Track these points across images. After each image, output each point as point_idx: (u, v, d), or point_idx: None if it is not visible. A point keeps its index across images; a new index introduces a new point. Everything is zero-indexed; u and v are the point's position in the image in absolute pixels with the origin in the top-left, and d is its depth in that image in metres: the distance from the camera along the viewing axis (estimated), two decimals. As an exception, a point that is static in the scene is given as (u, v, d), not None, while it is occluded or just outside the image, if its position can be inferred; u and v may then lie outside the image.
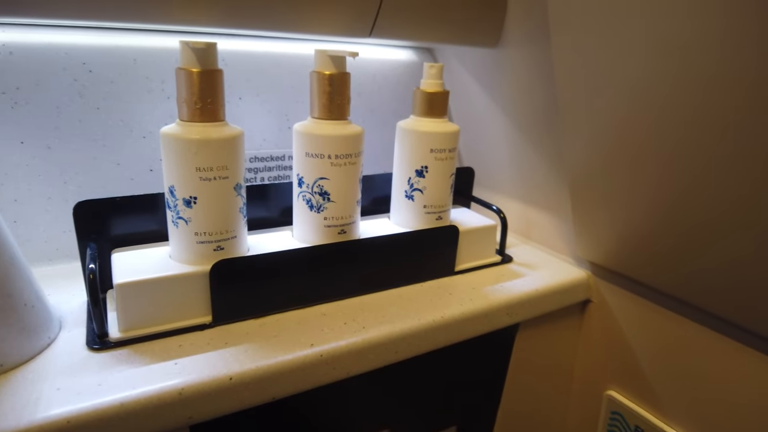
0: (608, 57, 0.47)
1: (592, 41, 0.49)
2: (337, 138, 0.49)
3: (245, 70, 0.62)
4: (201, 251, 0.47)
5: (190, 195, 0.45)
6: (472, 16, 0.59)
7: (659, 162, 0.47)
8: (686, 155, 0.45)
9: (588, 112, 0.52)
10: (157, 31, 0.58)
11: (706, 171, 0.44)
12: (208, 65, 0.44)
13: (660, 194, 0.49)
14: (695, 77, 0.40)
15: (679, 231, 0.50)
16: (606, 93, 0.49)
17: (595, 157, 0.55)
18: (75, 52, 0.54)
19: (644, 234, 0.54)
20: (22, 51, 0.52)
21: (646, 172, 0.49)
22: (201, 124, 0.44)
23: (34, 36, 0.52)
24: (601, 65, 0.48)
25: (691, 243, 0.49)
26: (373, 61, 0.72)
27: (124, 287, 0.43)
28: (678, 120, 0.44)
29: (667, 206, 0.49)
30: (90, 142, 0.56)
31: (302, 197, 0.52)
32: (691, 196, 0.46)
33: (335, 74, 0.49)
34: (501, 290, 0.57)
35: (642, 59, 0.44)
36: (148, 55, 0.57)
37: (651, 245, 0.54)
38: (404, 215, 0.59)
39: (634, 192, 0.52)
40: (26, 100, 0.53)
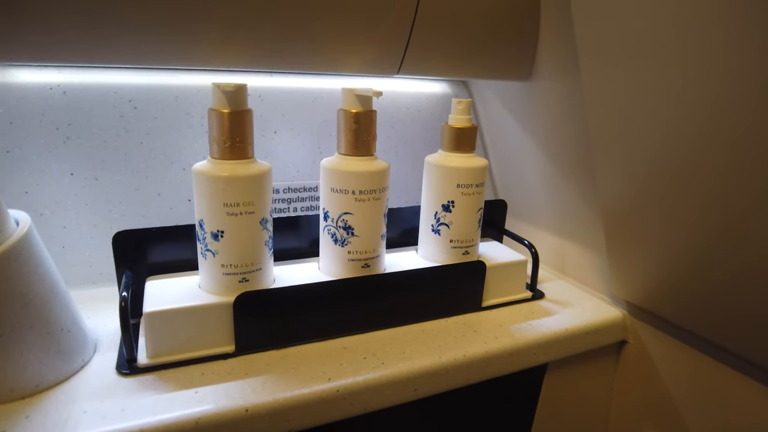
0: (639, 87, 0.46)
1: (621, 72, 0.48)
2: (361, 174, 0.50)
3: (280, 105, 0.65)
4: (227, 283, 0.48)
5: (218, 229, 0.47)
6: (502, 51, 0.59)
7: (695, 197, 0.46)
8: (724, 191, 0.43)
9: (620, 144, 0.51)
10: (197, 70, 0.61)
11: (747, 207, 0.41)
12: (238, 106, 0.46)
13: (697, 232, 0.47)
14: (732, 108, 0.39)
15: (718, 272, 0.47)
16: (638, 124, 0.48)
17: (629, 191, 0.53)
18: (122, 90, 0.58)
19: (681, 274, 0.51)
20: (75, 90, 0.56)
21: (682, 208, 0.48)
22: (230, 162, 0.46)
23: (85, 77, 0.56)
24: (631, 96, 0.47)
25: (731, 285, 0.46)
26: (407, 94, 0.73)
27: (152, 316, 0.45)
28: (714, 152, 0.42)
29: (705, 245, 0.47)
30: (134, 173, 0.60)
31: (327, 231, 0.53)
32: (730, 234, 0.44)
33: (361, 112, 0.50)
34: (529, 328, 0.56)
35: (674, 89, 0.43)
36: (189, 93, 0.61)
37: (688, 286, 0.51)
38: (431, 249, 0.59)
39: (670, 229, 0.50)
40: (77, 135, 0.57)
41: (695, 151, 0.44)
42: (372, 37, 0.52)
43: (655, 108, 0.46)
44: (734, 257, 0.45)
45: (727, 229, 0.44)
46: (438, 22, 0.53)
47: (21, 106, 0.54)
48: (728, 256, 0.46)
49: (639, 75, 0.46)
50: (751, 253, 0.43)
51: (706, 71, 0.40)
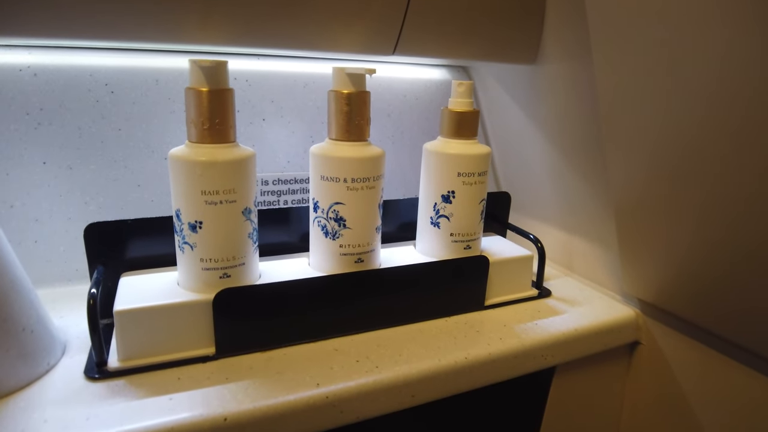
0: (655, 73, 0.42)
1: (635, 56, 0.44)
2: (353, 160, 0.46)
3: (269, 90, 0.61)
4: (206, 278, 0.44)
5: (196, 219, 0.43)
6: (505, 31, 0.55)
7: (706, 184, 0.42)
8: (733, 173, 0.39)
9: (634, 133, 0.47)
10: (180, 51, 0.57)
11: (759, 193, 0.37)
12: (218, 85, 0.42)
13: (713, 224, 0.43)
14: (739, 92, 0.35)
15: (733, 265, 0.43)
16: (653, 111, 0.44)
17: (643, 183, 0.49)
18: (98, 73, 0.54)
19: (696, 268, 0.47)
20: (47, 73, 0.52)
21: (694, 196, 0.44)
22: (209, 146, 0.42)
23: (58, 58, 0.52)
24: (646, 82, 0.43)
25: (746, 279, 0.43)
26: (403, 81, 0.69)
27: (123, 314, 0.41)
28: (724, 138, 0.38)
29: (720, 238, 0.43)
30: (111, 163, 0.56)
31: (317, 223, 0.49)
32: (743, 223, 0.40)
33: (354, 93, 0.46)
34: (536, 328, 0.52)
35: (691, 75, 0.39)
36: (171, 76, 0.57)
37: (703, 281, 0.47)
38: (430, 243, 0.55)
39: (685, 222, 0.46)
40: (49, 121, 0.53)
41: (710, 140, 0.40)
42: (365, 13, 0.48)
43: (671, 95, 0.42)
44: (748, 250, 0.41)
45: (740, 215, 0.40)
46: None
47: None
48: (743, 249, 0.42)
49: (655, 60, 0.42)
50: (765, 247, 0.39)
51: (720, 60, 0.36)
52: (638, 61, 0.44)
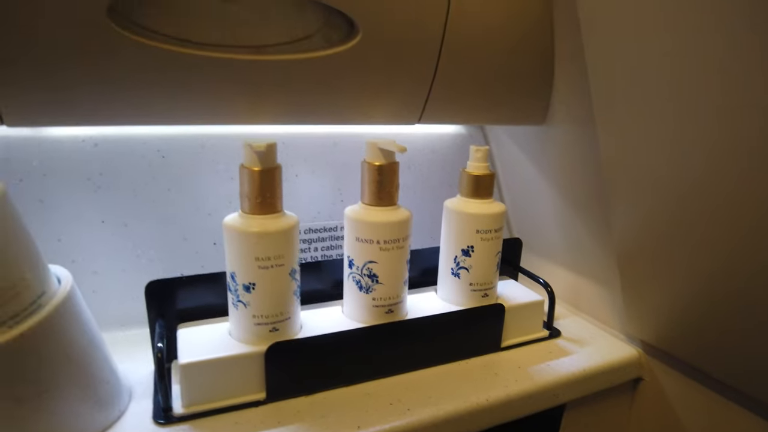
0: (655, 137, 0.48)
1: (634, 122, 0.50)
2: (385, 225, 0.52)
3: (302, 150, 0.67)
4: (258, 332, 0.50)
5: (250, 281, 0.48)
6: (518, 98, 0.61)
7: (701, 235, 0.47)
8: (736, 234, 0.45)
9: (634, 188, 0.53)
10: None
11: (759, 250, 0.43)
12: (268, 164, 0.48)
13: (711, 273, 0.49)
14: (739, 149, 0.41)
15: (731, 313, 0.49)
16: (649, 167, 0.50)
17: (642, 233, 0.55)
18: (151, 141, 0.60)
19: (695, 314, 0.53)
20: (105, 142, 0.58)
21: (690, 245, 0.49)
22: (261, 217, 0.48)
23: (115, 129, 0.58)
24: (647, 145, 0.49)
25: (745, 327, 0.48)
26: (423, 135, 0.75)
27: (188, 367, 0.47)
28: (718, 193, 0.44)
29: (719, 286, 0.49)
30: (161, 220, 0.62)
31: (352, 278, 0.55)
32: (740, 272, 0.46)
33: (385, 165, 0.52)
34: (548, 370, 0.57)
35: (686, 138, 0.45)
36: (215, 141, 0.63)
37: (702, 326, 0.53)
38: (450, 291, 0.61)
39: (685, 268, 0.52)
40: (108, 184, 0.59)
41: (705, 194, 0.45)
42: (394, 91, 0.54)
43: (668, 157, 0.48)
44: (747, 298, 0.47)
45: (740, 271, 0.46)
46: (457, 75, 0.55)
47: (53, 159, 0.56)
48: (742, 297, 0.47)
49: (655, 125, 0.48)
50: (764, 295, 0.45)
51: (712, 123, 0.42)
52: (637, 126, 0.50)
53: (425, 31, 0.50)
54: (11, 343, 0.38)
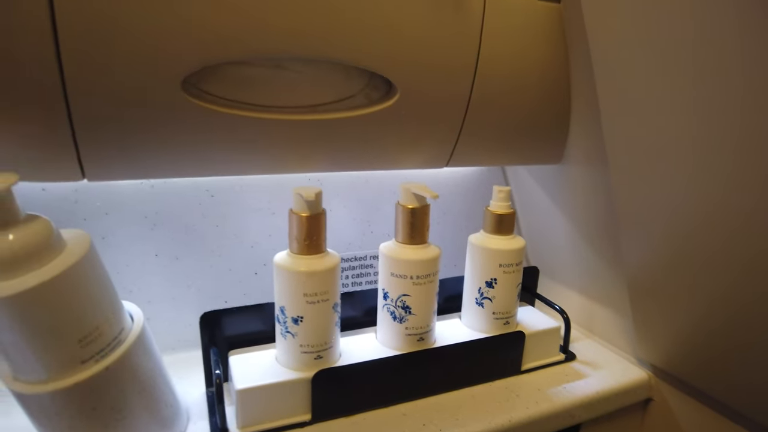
0: (665, 179, 0.53)
1: (645, 162, 0.55)
2: (418, 262, 0.58)
3: (336, 187, 0.72)
4: (304, 360, 0.55)
5: (298, 315, 0.54)
6: (538, 140, 0.66)
7: (708, 268, 0.52)
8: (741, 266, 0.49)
9: (643, 221, 0.58)
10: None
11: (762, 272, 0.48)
12: (315, 210, 0.53)
13: (717, 302, 0.54)
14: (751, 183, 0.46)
15: (738, 340, 0.54)
16: (658, 205, 0.55)
17: (651, 265, 0.60)
18: (202, 183, 0.66)
19: (702, 341, 0.58)
20: (161, 184, 0.64)
21: (698, 277, 0.54)
22: (307, 257, 0.54)
23: (171, 172, 0.64)
24: (658, 186, 0.54)
25: (751, 353, 0.53)
26: (447, 170, 0.81)
27: (244, 392, 0.52)
28: (723, 228, 0.49)
29: (725, 315, 0.54)
30: (209, 253, 0.67)
31: (387, 309, 0.60)
32: (749, 304, 0.51)
33: (417, 208, 0.58)
34: (564, 392, 0.63)
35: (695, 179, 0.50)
36: (256, 181, 0.68)
37: (709, 353, 0.58)
38: (474, 319, 0.66)
39: (692, 297, 0.57)
40: (162, 222, 0.65)
41: (713, 231, 0.50)
42: (426, 141, 0.59)
43: (679, 195, 0.53)
44: (749, 326, 0.52)
45: (743, 300, 0.51)
46: (482, 124, 0.61)
47: (115, 200, 0.62)
48: (744, 325, 0.52)
49: (664, 166, 0.53)
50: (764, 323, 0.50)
51: (722, 164, 0.47)
52: (647, 167, 0.55)
53: (455, 89, 0.56)
54: (99, 376, 0.44)
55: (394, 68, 0.52)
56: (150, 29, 0.42)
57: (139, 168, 0.50)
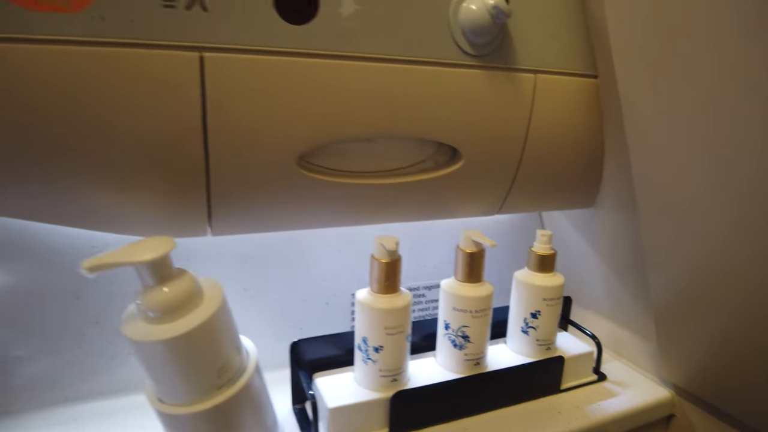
0: (694, 222, 0.63)
1: (673, 208, 0.64)
2: (476, 298, 0.68)
3: (390, 227, 0.82)
4: (382, 382, 0.66)
5: (379, 344, 0.64)
6: (574, 190, 0.77)
7: (732, 300, 0.62)
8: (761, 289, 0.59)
9: (670, 259, 0.68)
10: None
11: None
12: (393, 257, 0.64)
13: (730, 329, 0.63)
14: None
15: (749, 364, 0.63)
16: (686, 246, 0.65)
17: (676, 293, 0.69)
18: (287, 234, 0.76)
19: (724, 365, 0.67)
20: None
21: (721, 310, 0.64)
22: (386, 296, 0.64)
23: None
24: (680, 226, 0.64)
25: (764, 375, 0.62)
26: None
27: (335, 410, 0.63)
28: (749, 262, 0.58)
29: (737, 340, 0.63)
30: (288, 286, 0.78)
31: (447, 338, 0.70)
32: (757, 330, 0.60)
33: (476, 252, 0.68)
34: (599, 409, 0.73)
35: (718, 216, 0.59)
36: (336, 231, 0.79)
37: (731, 376, 0.67)
38: (519, 345, 0.76)
39: (712, 326, 0.66)
40: (252, 260, 0.75)
41: (738, 264, 0.60)
42: (483, 195, 0.70)
43: (706, 239, 0.62)
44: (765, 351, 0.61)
45: (760, 328, 0.60)
46: (528, 178, 0.71)
47: (214, 242, 0.73)
48: (761, 352, 0.62)
49: (692, 212, 0.62)
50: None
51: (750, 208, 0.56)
52: (674, 213, 0.64)
53: (508, 154, 0.66)
54: (230, 399, 0.54)
55: (460, 139, 0.63)
56: (275, 122, 0.53)
57: (255, 224, 0.60)
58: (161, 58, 0.47)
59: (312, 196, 0.59)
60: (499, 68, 0.62)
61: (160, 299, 0.51)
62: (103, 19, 0.45)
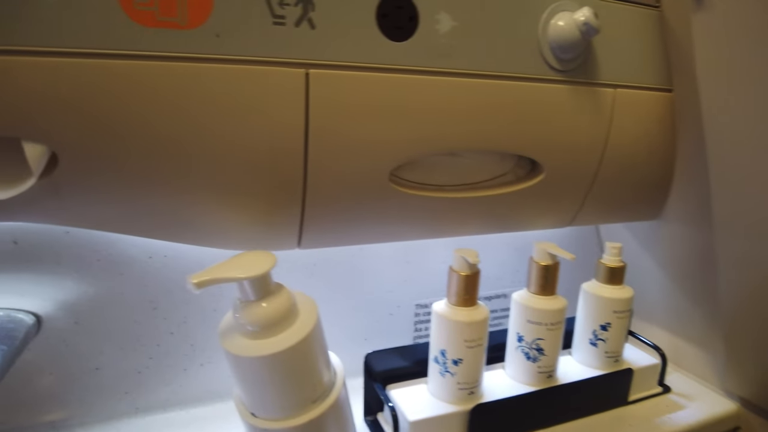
0: None
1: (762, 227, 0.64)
2: (553, 311, 0.68)
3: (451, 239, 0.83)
4: (459, 395, 0.66)
5: (458, 357, 0.64)
6: (641, 202, 0.77)
7: None
8: None
9: (749, 275, 0.68)
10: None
11: None
12: (473, 270, 0.64)
13: None
14: None
15: None
16: None
17: (748, 308, 0.69)
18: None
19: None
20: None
21: None
22: (465, 309, 0.64)
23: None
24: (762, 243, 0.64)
25: None
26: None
27: (416, 423, 0.63)
28: None
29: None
30: (355, 297, 0.78)
31: (521, 350, 0.70)
32: None
33: (551, 265, 0.68)
34: (669, 422, 0.72)
35: None
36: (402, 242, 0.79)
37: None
38: (587, 356, 0.76)
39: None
40: (320, 273, 0.75)
41: None
42: (558, 208, 0.70)
43: None
44: None
45: None
46: (602, 191, 0.71)
47: (281, 253, 0.73)
48: None
49: None
50: None
51: None
52: (759, 228, 0.65)
53: (585, 167, 0.67)
54: (324, 413, 0.55)
55: (542, 153, 0.63)
56: (373, 137, 0.53)
57: (342, 238, 0.61)
58: (270, 74, 0.48)
59: (398, 209, 0.60)
60: (583, 83, 0.62)
61: (260, 314, 0.51)
62: (218, 36, 0.45)
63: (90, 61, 0.43)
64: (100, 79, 0.43)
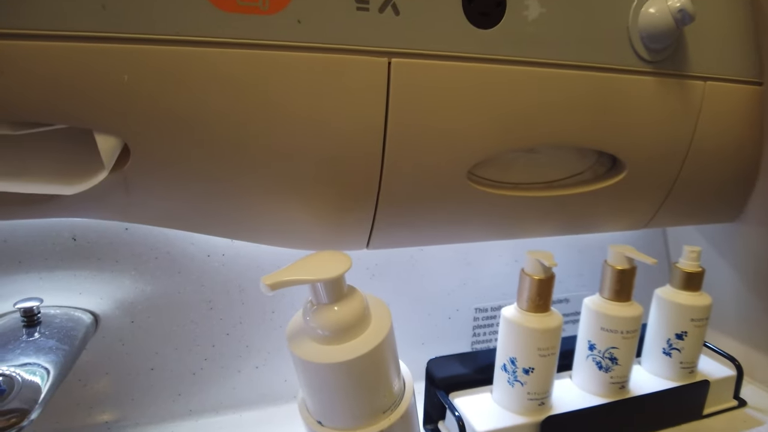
0: None
1: None
2: (629, 318, 0.64)
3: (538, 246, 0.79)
4: (529, 406, 0.62)
5: (529, 366, 0.61)
6: (721, 203, 0.72)
7: None
8: None
9: None
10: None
11: None
12: (547, 273, 0.60)
13: None
14: None
15: None
16: None
17: None
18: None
19: None
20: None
21: None
22: (538, 315, 0.60)
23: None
24: None
25: None
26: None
27: (485, 434, 0.59)
28: None
29: None
30: (413, 300, 0.75)
31: (592, 359, 0.66)
32: None
33: (627, 269, 0.64)
34: (749, 438, 0.68)
35: None
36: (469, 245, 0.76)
37: None
38: (659, 367, 0.72)
39: None
40: (380, 273, 0.72)
41: None
42: (635, 209, 0.66)
43: None
44: None
45: None
46: (682, 193, 0.66)
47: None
48: None
49: None
50: None
51: None
52: None
53: (668, 166, 0.62)
54: (395, 423, 0.52)
55: (626, 149, 0.59)
56: (453, 131, 0.50)
57: (412, 238, 0.57)
58: (352, 63, 0.45)
59: (473, 208, 0.56)
60: (672, 75, 0.58)
61: (333, 319, 0.48)
62: (299, 22, 0.43)
63: (168, 48, 0.40)
64: (177, 67, 0.41)
